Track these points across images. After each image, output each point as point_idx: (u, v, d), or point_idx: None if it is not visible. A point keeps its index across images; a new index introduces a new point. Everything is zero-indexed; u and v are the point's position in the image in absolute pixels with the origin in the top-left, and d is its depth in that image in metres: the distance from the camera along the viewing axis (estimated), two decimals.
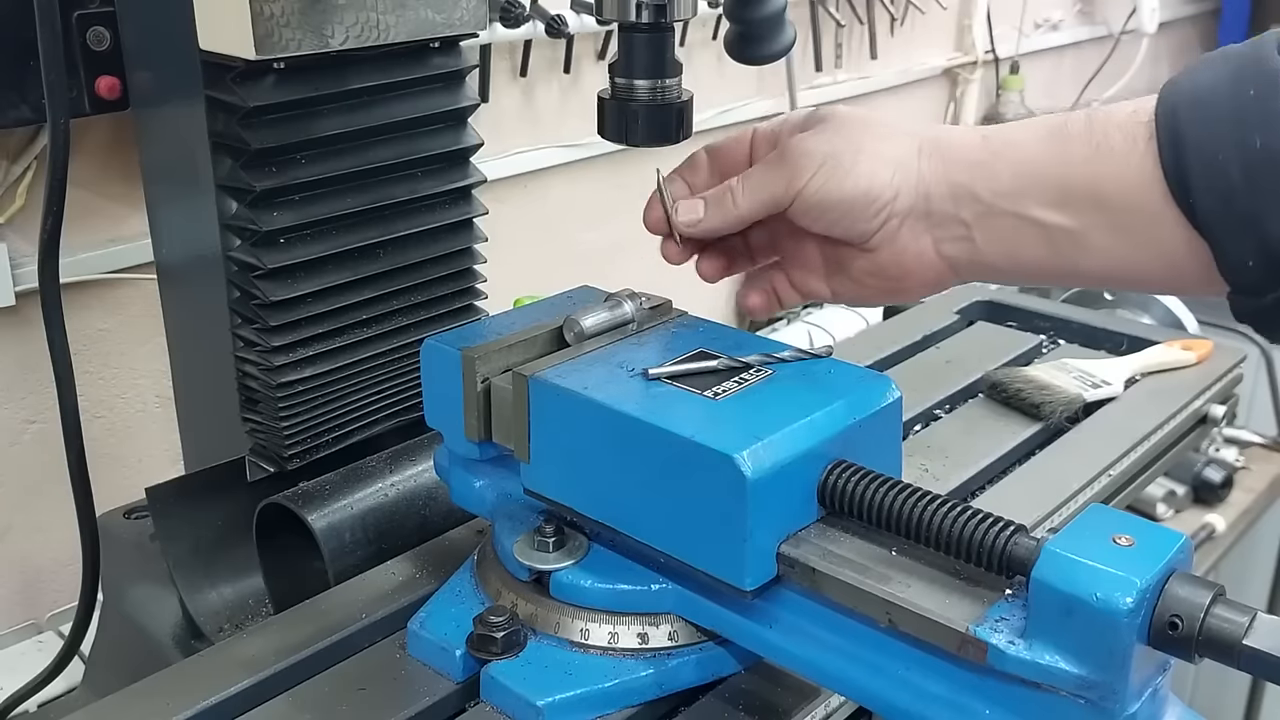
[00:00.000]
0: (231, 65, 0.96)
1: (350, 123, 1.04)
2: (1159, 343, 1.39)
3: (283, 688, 0.86)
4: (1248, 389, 2.21)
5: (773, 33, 0.87)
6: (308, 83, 1.00)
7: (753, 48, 0.88)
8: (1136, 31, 3.22)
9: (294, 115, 1.01)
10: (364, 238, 1.07)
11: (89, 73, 1.21)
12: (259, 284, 1.02)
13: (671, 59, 0.89)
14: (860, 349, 1.41)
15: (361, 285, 1.09)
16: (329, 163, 1.04)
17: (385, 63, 1.05)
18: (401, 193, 1.09)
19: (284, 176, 1.01)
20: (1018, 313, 1.51)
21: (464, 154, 1.14)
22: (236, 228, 1.02)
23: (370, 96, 1.05)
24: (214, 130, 1.00)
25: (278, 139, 1.00)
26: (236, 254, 1.02)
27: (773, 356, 0.88)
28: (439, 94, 1.10)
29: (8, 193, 1.29)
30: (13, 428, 1.37)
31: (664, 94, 0.89)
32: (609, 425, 0.82)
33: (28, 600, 1.43)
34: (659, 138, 0.91)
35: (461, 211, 1.15)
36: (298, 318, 1.05)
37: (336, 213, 1.05)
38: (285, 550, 1.07)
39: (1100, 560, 0.66)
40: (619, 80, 0.90)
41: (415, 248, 1.12)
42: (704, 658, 0.85)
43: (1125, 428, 1.22)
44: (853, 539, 0.79)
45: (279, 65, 0.97)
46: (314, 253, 1.04)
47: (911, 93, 2.67)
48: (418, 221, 1.11)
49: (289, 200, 1.03)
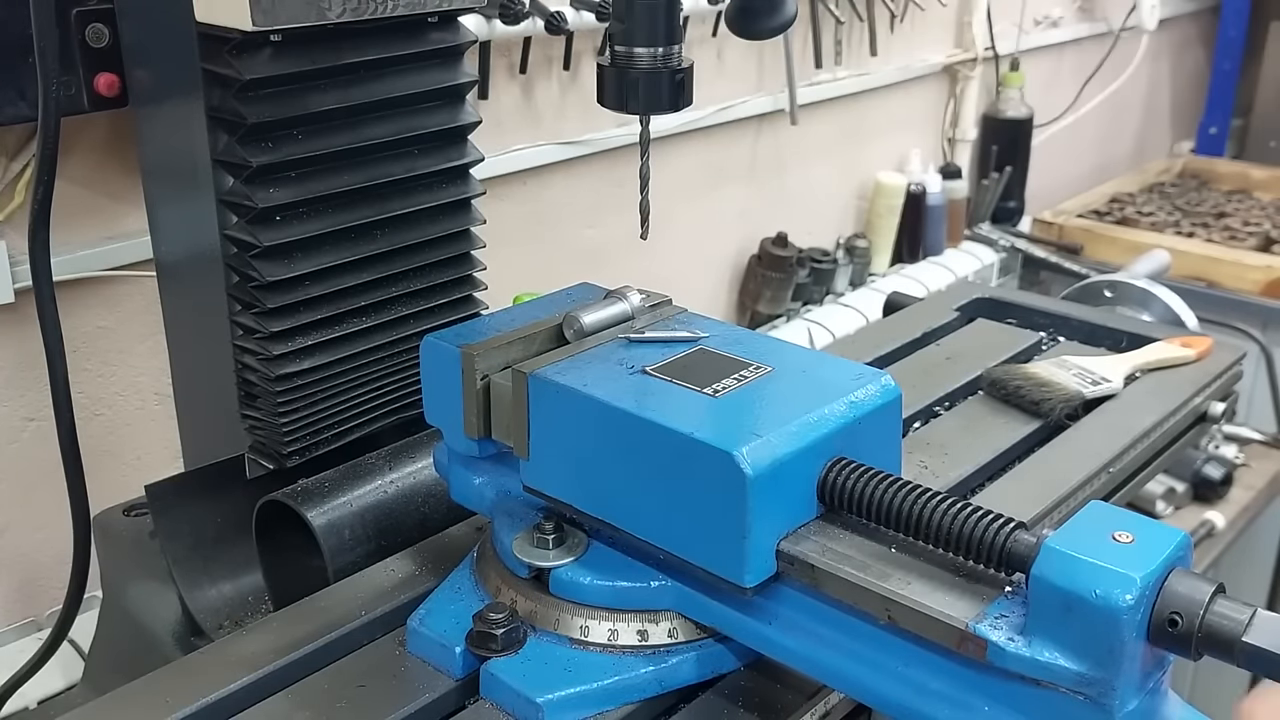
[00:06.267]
0: (228, 38, 0.96)
1: (347, 98, 1.04)
2: (1159, 339, 1.39)
3: (282, 685, 0.86)
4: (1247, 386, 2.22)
5: (774, 6, 0.86)
6: (304, 56, 0.99)
7: (755, 21, 0.87)
8: (1136, 28, 3.22)
9: (290, 89, 1.00)
10: (361, 216, 1.07)
11: (88, 70, 1.21)
12: (255, 264, 1.01)
13: (675, 25, 0.88)
14: (860, 346, 1.41)
15: (359, 267, 1.08)
16: (325, 138, 1.03)
17: (383, 37, 1.04)
18: (398, 170, 1.08)
19: (280, 152, 1.00)
20: (1017, 310, 1.51)
21: (461, 131, 1.13)
22: (233, 204, 1.01)
23: (367, 71, 1.05)
24: (210, 105, 0.99)
25: (274, 113, 0.99)
26: (233, 232, 1.02)
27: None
28: (436, 69, 1.10)
29: (7, 190, 1.29)
30: (12, 425, 1.37)
31: (665, 62, 0.88)
32: (608, 422, 0.82)
33: (27, 598, 1.43)
34: (658, 105, 0.90)
35: (459, 190, 1.14)
36: (296, 299, 1.04)
37: (333, 190, 1.04)
38: (285, 547, 1.07)
39: (1100, 557, 0.66)
40: (619, 48, 0.89)
41: (412, 227, 1.11)
42: (703, 655, 0.85)
43: (1125, 425, 1.21)
44: (852, 536, 0.79)
45: (276, 38, 0.97)
46: (310, 230, 1.04)
47: (911, 89, 2.67)
48: (415, 200, 1.11)
49: (285, 176, 1.02)
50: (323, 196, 1.04)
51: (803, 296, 2.35)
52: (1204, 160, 3.56)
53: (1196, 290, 2.59)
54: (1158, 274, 1.95)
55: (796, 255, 2.27)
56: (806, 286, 2.34)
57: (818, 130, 2.41)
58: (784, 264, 2.25)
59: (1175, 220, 3.01)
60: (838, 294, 2.42)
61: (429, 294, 1.14)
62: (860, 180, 2.60)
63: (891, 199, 2.54)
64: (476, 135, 1.16)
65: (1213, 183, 3.40)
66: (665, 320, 0.96)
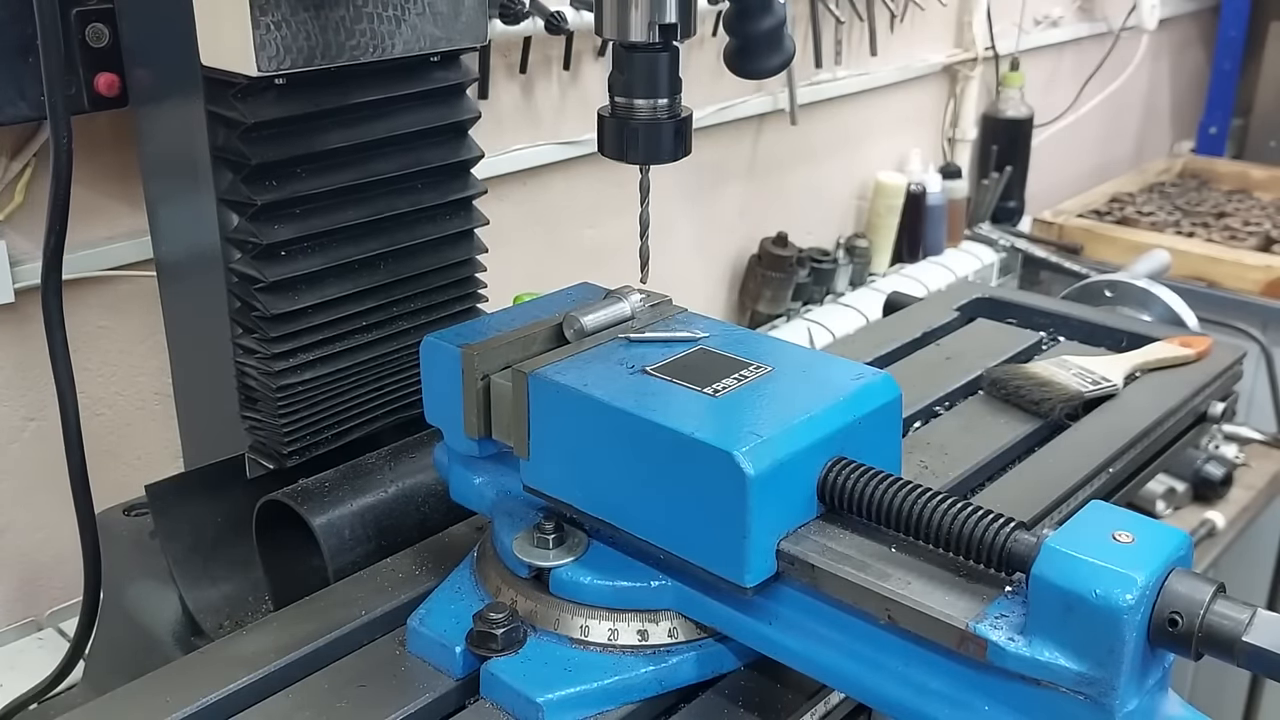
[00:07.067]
0: (233, 81, 0.97)
1: (351, 136, 1.05)
2: (1159, 339, 1.39)
3: (283, 684, 0.86)
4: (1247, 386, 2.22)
5: (772, 47, 0.87)
6: (309, 98, 1.00)
7: (752, 62, 0.88)
8: (1137, 28, 3.22)
9: (295, 130, 1.01)
10: (365, 250, 1.08)
11: (88, 69, 1.21)
12: (260, 297, 1.02)
13: (673, 77, 0.89)
14: (860, 346, 1.41)
15: (363, 296, 1.09)
16: (330, 176, 1.04)
17: (386, 77, 1.06)
18: (402, 204, 1.10)
19: (285, 190, 1.01)
20: (1017, 309, 1.51)
21: (465, 165, 1.14)
22: (238, 241, 1.02)
23: (371, 110, 1.06)
24: (215, 144, 1.00)
25: (279, 154, 1.00)
26: (238, 266, 1.03)
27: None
28: (439, 107, 1.11)
29: (7, 190, 1.29)
30: (12, 425, 1.37)
31: (665, 112, 0.89)
32: (609, 422, 0.82)
33: (27, 597, 1.43)
34: (658, 155, 0.90)
35: (463, 222, 1.15)
36: (299, 328, 1.05)
37: (337, 225, 1.05)
38: (285, 547, 1.07)
39: (1100, 557, 0.66)
40: (619, 99, 0.89)
41: (417, 258, 1.12)
42: (703, 654, 0.85)
43: (1125, 424, 1.21)
44: (852, 535, 0.79)
45: (280, 81, 0.97)
46: (315, 265, 1.05)
47: (911, 89, 2.67)
48: (419, 233, 1.12)
49: (290, 213, 1.03)
50: (327, 231, 1.05)
51: (803, 296, 2.35)
52: (1204, 160, 3.56)
53: (1196, 290, 2.59)
54: (1158, 274, 1.95)
55: (796, 255, 2.27)
56: (806, 286, 2.34)
57: (818, 130, 2.41)
58: (784, 264, 2.25)
59: (1175, 220, 3.01)
60: (838, 294, 2.42)
61: (430, 310, 1.16)
62: (860, 180, 2.60)
63: (891, 199, 2.54)
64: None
65: (1213, 183, 3.40)
66: (665, 320, 0.96)
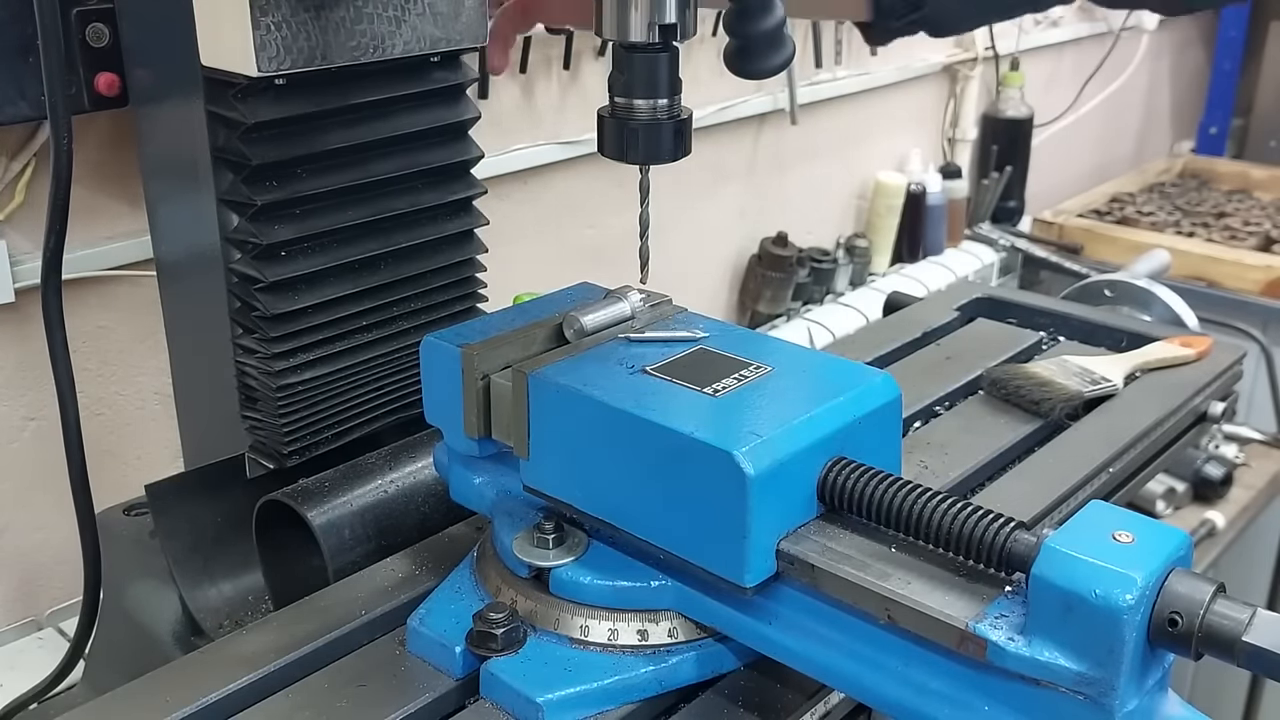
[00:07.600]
0: (233, 82, 0.97)
1: (351, 137, 1.05)
2: (1159, 339, 1.39)
3: (282, 684, 0.86)
4: (1247, 385, 2.22)
5: (772, 47, 0.87)
6: (309, 99, 1.00)
7: (752, 62, 0.88)
8: (1137, 28, 3.22)
9: (295, 130, 1.01)
10: (365, 250, 1.08)
11: (88, 69, 1.21)
12: (260, 297, 1.02)
13: (673, 78, 0.89)
14: (860, 346, 1.41)
15: (363, 296, 1.09)
16: (330, 176, 1.04)
17: (386, 77, 1.06)
18: (402, 205, 1.10)
19: (285, 190, 1.01)
20: (1017, 309, 1.51)
21: (465, 166, 1.14)
22: (238, 241, 1.02)
23: (371, 111, 1.06)
24: (215, 145, 1.00)
25: (279, 154, 1.00)
26: (238, 266, 1.03)
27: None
28: (439, 107, 1.11)
29: (7, 189, 1.29)
30: (12, 425, 1.37)
31: (665, 112, 0.89)
32: (608, 422, 0.82)
33: (27, 597, 1.43)
34: (658, 156, 0.90)
35: (463, 223, 1.15)
36: (299, 328, 1.05)
37: (338, 225, 1.05)
38: (285, 547, 1.07)
39: (1100, 557, 0.66)
40: (618, 99, 0.89)
41: (417, 259, 1.12)
42: (703, 654, 0.85)
43: (1125, 424, 1.21)
44: (852, 535, 0.79)
45: (280, 81, 0.97)
46: (315, 265, 1.05)
47: (911, 89, 2.67)
48: (419, 233, 1.12)
49: (290, 214, 1.03)
50: (327, 232, 1.05)
51: (803, 296, 2.35)
52: (1204, 160, 3.56)
53: (1196, 290, 2.59)
54: (1158, 274, 1.96)
55: (796, 255, 2.27)
56: (806, 286, 2.34)
57: (818, 130, 2.41)
58: (784, 264, 2.25)
59: (1175, 220, 3.01)
60: (838, 294, 2.42)
61: (430, 310, 1.16)
62: (860, 180, 2.60)
63: (891, 199, 2.54)
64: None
65: (1213, 183, 3.40)
66: (665, 320, 0.96)
